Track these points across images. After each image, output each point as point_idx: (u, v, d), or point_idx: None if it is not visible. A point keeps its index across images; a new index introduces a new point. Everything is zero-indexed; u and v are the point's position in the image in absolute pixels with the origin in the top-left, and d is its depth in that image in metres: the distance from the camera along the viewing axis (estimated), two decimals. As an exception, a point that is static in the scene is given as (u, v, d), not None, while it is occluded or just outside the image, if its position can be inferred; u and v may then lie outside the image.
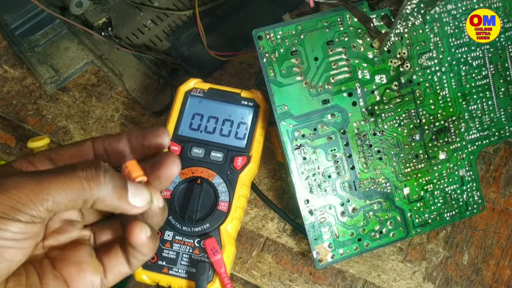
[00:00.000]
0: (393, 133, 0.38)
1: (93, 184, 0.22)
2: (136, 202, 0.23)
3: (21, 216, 0.21)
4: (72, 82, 0.48)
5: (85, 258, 0.25)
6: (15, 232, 0.21)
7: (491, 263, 0.40)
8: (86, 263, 0.25)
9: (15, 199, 0.20)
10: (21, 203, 0.20)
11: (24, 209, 0.21)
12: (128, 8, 0.51)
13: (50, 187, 0.21)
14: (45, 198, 0.21)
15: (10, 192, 0.20)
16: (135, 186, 0.23)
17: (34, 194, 0.21)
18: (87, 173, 0.22)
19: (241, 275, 0.40)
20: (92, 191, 0.22)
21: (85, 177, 0.22)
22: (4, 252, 0.21)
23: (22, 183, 0.21)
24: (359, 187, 0.38)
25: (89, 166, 0.22)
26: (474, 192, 0.40)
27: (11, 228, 0.20)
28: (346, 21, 0.37)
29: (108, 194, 0.22)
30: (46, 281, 0.23)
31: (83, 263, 0.24)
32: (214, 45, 0.48)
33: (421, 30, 0.38)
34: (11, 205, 0.20)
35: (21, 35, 0.49)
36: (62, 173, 0.22)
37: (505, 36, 0.40)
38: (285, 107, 0.36)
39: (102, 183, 0.22)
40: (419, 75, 0.38)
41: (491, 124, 0.40)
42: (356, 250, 0.38)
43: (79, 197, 0.22)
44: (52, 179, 0.21)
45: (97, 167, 0.22)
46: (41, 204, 0.21)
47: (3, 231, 0.20)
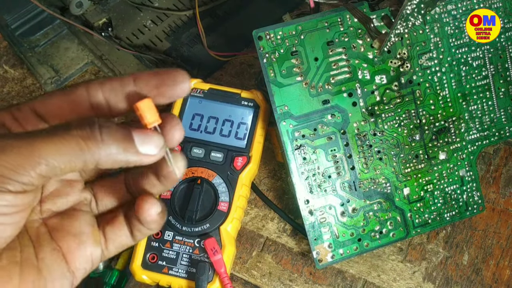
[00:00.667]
0: (393, 133, 0.38)
1: (91, 143, 0.19)
2: (147, 150, 0.20)
3: (10, 185, 0.18)
4: (72, 83, 0.48)
5: (85, 229, 0.22)
6: (3, 206, 0.18)
7: (491, 263, 0.40)
8: (86, 234, 0.22)
9: (3, 165, 0.17)
10: (10, 169, 0.17)
11: (13, 176, 0.18)
12: (128, 9, 0.51)
13: (42, 148, 0.18)
14: (37, 161, 0.18)
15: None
16: (142, 133, 0.20)
17: (24, 157, 0.18)
18: (82, 131, 0.19)
19: (241, 275, 0.40)
20: (91, 150, 0.19)
21: (81, 136, 0.19)
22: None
23: (9, 145, 0.18)
24: (359, 187, 0.38)
25: (82, 124, 0.19)
26: (474, 192, 0.40)
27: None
28: (346, 22, 0.37)
29: (111, 150, 0.19)
30: (43, 255, 0.21)
31: (83, 234, 0.22)
32: (214, 45, 0.48)
33: (421, 31, 0.38)
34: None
35: (21, 36, 0.50)
36: (55, 132, 0.18)
37: (505, 36, 0.40)
38: (285, 107, 0.36)
39: (99, 141, 0.19)
40: (419, 75, 0.38)
41: (491, 125, 0.40)
42: (356, 250, 0.38)
43: (77, 158, 0.19)
44: (44, 139, 0.18)
45: (91, 124, 0.19)
46: (33, 168, 0.18)
47: None
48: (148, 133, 0.20)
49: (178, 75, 0.21)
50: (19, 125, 0.21)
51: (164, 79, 0.21)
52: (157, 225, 0.23)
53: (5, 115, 0.21)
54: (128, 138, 0.19)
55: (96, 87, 0.21)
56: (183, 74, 0.21)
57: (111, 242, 0.23)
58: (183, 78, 0.21)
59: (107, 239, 0.23)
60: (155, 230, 0.23)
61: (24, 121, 0.21)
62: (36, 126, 0.21)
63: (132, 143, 0.19)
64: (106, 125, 0.19)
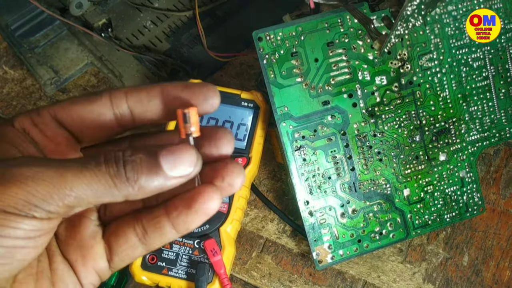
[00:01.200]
0: (393, 134, 0.38)
1: (118, 181, 0.18)
2: (179, 172, 0.19)
3: (36, 212, 0.18)
4: (72, 83, 0.48)
5: (88, 241, 0.21)
6: (28, 230, 0.18)
7: (491, 264, 0.40)
8: (90, 247, 0.21)
9: (31, 193, 0.17)
10: (38, 197, 0.17)
11: (41, 204, 0.17)
12: (128, 9, 0.51)
13: (74, 182, 0.18)
14: (67, 194, 0.18)
15: (26, 184, 0.17)
16: (171, 153, 0.19)
17: (55, 188, 0.17)
18: (109, 168, 0.18)
19: (241, 276, 0.40)
20: (119, 187, 0.18)
21: (109, 173, 0.18)
22: (16, 252, 0.18)
23: (41, 174, 0.17)
24: (359, 189, 0.38)
25: (109, 160, 0.18)
26: (474, 194, 0.40)
27: (24, 226, 0.17)
28: (346, 22, 0.37)
29: (140, 183, 0.18)
30: (55, 266, 0.21)
31: (87, 248, 0.21)
32: (214, 46, 0.48)
33: (421, 32, 0.38)
34: (26, 199, 0.17)
35: (21, 36, 0.49)
36: (86, 166, 0.18)
37: (506, 37, 0.40)
38: (285, 108, 0.36)
39: (125, 179, 0.18)
40: (419, 76, 0.38)
41: (491, 126, 0.40)
42: (356, 251, 0.38)
43: (107, 194, 0.18)
44: (76, 173, 0.18)
45: (117, 160, 0.18)
46: (61, 199, 0.18)
47: (15, 230, 0.17)
48: (177, 152, 0.19)
49: (209, 91, 0.20)
50: (39, 131, 0.21)
51: (195, 93, 0.20)
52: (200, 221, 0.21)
53: (25, 120, 0.21)
54: (155, 167, 0.18)
55: (121, 95, 0.21)
56: (214, 90, 0.20)
57: (116, 254, 0.21)
58: (214, 93, 0.20)
59: (113, 251, 0.21)
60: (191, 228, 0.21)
61: (44, 126, 0.21)
62: (55, 133, 0.21)
63: (160, 170, 0.18)
64: (130, 160, 0.18)
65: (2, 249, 0.17)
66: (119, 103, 0.20)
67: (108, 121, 0.21)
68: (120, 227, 0.21)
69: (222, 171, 0.21)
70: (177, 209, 0.20)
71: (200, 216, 0.20)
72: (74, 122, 0.21)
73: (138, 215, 0.21)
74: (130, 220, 0.21)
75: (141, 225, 0.21)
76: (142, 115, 0.21)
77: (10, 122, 0.20)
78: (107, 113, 0.21)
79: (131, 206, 0.22)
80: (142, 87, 0.21)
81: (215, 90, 0.20)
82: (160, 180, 0.18)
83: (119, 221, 0.22)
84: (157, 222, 0.21)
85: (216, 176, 0.21)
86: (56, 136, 0.21)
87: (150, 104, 0.20)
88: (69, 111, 0.21)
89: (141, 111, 0.21)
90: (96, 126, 0.21)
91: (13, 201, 0.17)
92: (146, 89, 0.20)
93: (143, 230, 0.21)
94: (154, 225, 0.21)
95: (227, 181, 0.20)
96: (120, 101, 0.20)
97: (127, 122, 0.21)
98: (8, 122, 0.21)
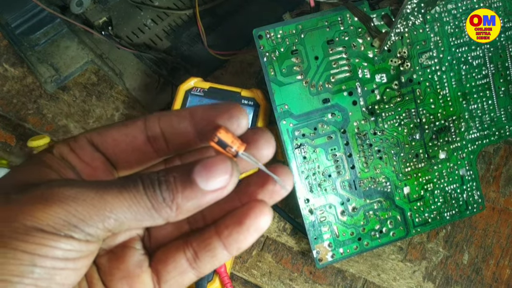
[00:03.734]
0: (393, 132, 0.38)
1: (155, 203, 0.18)
2: (215, 185, 0.18)
3: (75, 232, 0.17)
4: (72, 81, 0.48)
5: (134, 271, 0.20)
6: (67, 250, 0.17)
7: (491, 263, 0.40)
8: (136, 277, 0.20)
9: (71, 213, 0.17)
10: (78, 218, 0.17)
11: (80, 225, 0.17)
12: (129, 7, 0.51)
13: (114, 203, 0.17)
14: (107, 215, 0.17)
15: (66, 204, 0.17)
16: (204, 167, 0.18)
17: (95, 209, 0.17)
18: (147, 189, 0.18)
19: (241, 275, 0.40)
20: (158, 209, 0.18)
21: (147, 194, 0.18)
22: (55, 274, 0.17)
23: (81, 194, 0.17)
24: (359, 186, 0.38)
25: (146, 181, 0.18)
26: (474, 192, 0.40)
27: (62, 246, 0.17)
28: (346, 21, 0.37)
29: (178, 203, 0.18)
30: None
31: (132, 277, 0.20)
32: (215, 44, 0.48)
33: (421, 30, 0.38)
34: (66, 219, 0.17)
35: (21, 34, 0.49)
36: (126, 187, 0.18)
37: (505, 35, 0.40)
38: (285, 106, 0.36)
39: (161, 200, 0.18)
40: (419, 74, 0.38)
41: (491, 124, 0.40)
42: (356, 249, 0.38)
43: (146, 217, 0.18)
44: (117, 194, 0.17)
45: (153, 181, 0.18)
46: (101, 221, 0.17)
47: (53, 249, 0.17)
48: (210, 164, 0.18)
49: (234, 110, 0.19)
50: (76, 156, 0.20)
51: (220, 112, 0.19)
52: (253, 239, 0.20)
53: (63, 147, 0.20)
54: (189, 183, 0.18)
55: (154, 119, 0.21)
56: (239, 109, 0.19)
57: (165, 282, 0.20)
58: (239, 112, 0.19)
59: (161, 279, 0.20)
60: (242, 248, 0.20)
61: (80, 151, 0.20)
62: (92, 157, 0.21)
63: (195, 186, 0.18)
64: (164, 180, 0.18)
65: (40, 269, 0.17)
66: (152, 126, 0.20)
67: (142, 145, 0.21)
68: (169, 253, 0.21)
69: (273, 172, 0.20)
70: (228, 227, 0.20)
71: (252, 233, 0.19)
72: (110, 146, 0.21)
73: (187, 239, 0.21)
74: (179, 245, 0.21)
75: (191, 248, 0.20)
76: (173, 138, 0.20)
77: (49, 150, 0.20)
78: (141, 136, 0.20)
79: (177, 230, 0.22)
80: (174, 111, 0.21)
81: (241, 109, 0.20)
82: (197, 196, 0.18)
83: (167, 247, 0.21)
84: (208, 244, 0.20)
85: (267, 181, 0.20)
86: (93, 160, 0.21)
87: (180, 126, 0.20)
88: (105, 135, 0.21)
89: (172, 133, 0.20)
90: (131, 149, 0.21)
91: (52, 220, 0.17)
92: (177, 112, 0.20)
93: (194, 254, 0.20)
94: (205, 247, 0.20)
95: (281, 183, 0.20)
96: (153, 124, 0.20)
97: (161, 146, 0.21)
98: (47, 150, 0.20)
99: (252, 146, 0.20)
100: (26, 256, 0.16)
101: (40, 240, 0.17)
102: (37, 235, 0.16)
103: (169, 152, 0.21)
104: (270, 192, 0.21)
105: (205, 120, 0.20)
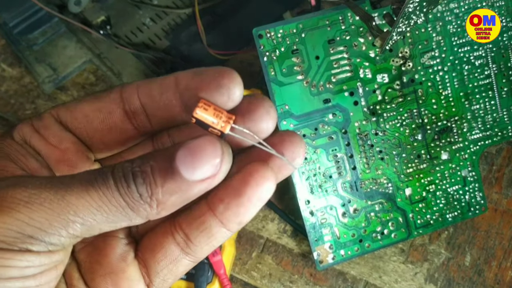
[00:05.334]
0: (395, 133, 0.38)
1: (130, 201, 0.15)
2: (202, 174, 0.14)
3: (32, 245, 0.14)
4: (70, 81, 0.48)
5: (118, 265, 0.17)
6: (23, 267, 0.14)
7: (493, 264, 0.40)
8: (120, 272, 0.17)
9: (25, 222, 0.14)
10: (34, 226, 0.14)
11: (38, 235, 0.14)
12: (127, 6, 0.50)
13: (80, 204, 0.14)
14: (71, 220, 0.14)
15: (17, 211, 0.14)
16: (189, 152, 0.14)
17: (55, 214, 0.14)
18: (118, 184, 0.15)
19: (241, 277, 0.40)
20: (133, 208, 0.15)
21: (118, 191, 0.14)
22: None
23: (37, 197, 0.14)
24: (360, 188, 0.37)
25: (117, 174, 0.15)
26: (476, 193, 0.40)
27: (17, 263, 0.14)
28: (347, 20, 0.36)
29: (158, 198, 0.15)
30: None
31: (117, 273, 0.17)
32: (214, 43, 0.48)
33: (423, 29, 0.37)
34: (19, 230, 0.14)
35: (19, 34, 0.49)
36: (93, 183, 0.14)
37: (508, 35, 0.39)
38: (285, 106, 0.36)
39: (137, 197, 0.15)
40: (421, 74, 0.38)
41: (493, 124, 0.40)
42: (357, 251, 0.37)
43: (120, 217, 0.15)
44: (81, 192, 0.14)
45: (126, 174, 0.15)
46: (64, 227, 0.14)
47: (7, 269, 0.14)
48: (196, 148, 0.14)
49: (224, 77, 0.16)
50: (40, 138, 0.17)
51: (205, 81, 0.16)
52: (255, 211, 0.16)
53: (25, 128, 0.17)
54: (171, 174, 0.14)
55: (132, 90, 0.17)
56: (230, 75, 0.16)
57: (156, 274, 0.17)
58: (230, 80, 0.16)
59: (151, 271, 0.17)
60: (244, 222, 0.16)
61: (45, 131, 0.17)
62: (59, 138, 0.17)
63: (178, 177, 0.14)
64: (139, 171, 0.15)
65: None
66: (130, 99, 0.17)
67: (119, 121, 0.17)
68: (156, 240, 0.17)
69: (279, 145, 0.16)
70: (224, 200, 0.16)
71: (255, 204, 0.16)
72: (81, 123, 0.17)
73: (176, 220, 0.17)
74: (167, 228, 0.17)
75: (181, 231, 0.17)
76: (156, 112, 0.17)
77: (9, 134, 0.17)
78: (117, 110, 0.17)
79: None
80: (156, 79, 0.17)
81: (232, 75, 0.16)
82: (181, 189, 0.15)
83: (153, 232, 0.18)
84: (201, 222, 0.17)
85: (270, 155, 0.16)
86: (61, 141, 0.17)
87: (162, 98, 0.17)
88: (74, 111, 0.17)
89: (154, 106, 0.17)
90: (106, 128, 0.17)
91: (2, 234, 0.14)
92: (160, 80, 0.17)
93: (185, 237, 0.17)
94: (197, 227, 0.17)
95: (288, 155, 0.16)
96: (131, 96, 0.17)
97: (141, 122, 0.17)
98: (7, 134, 0.17)
99: (248, 118, 0.16)
100: None
101: None
102: None
103: (152, 128, 0.18)
104: (276, 167, 0.17)
105: (190, 90, 0.16)
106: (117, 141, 0.18)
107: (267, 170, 0.16)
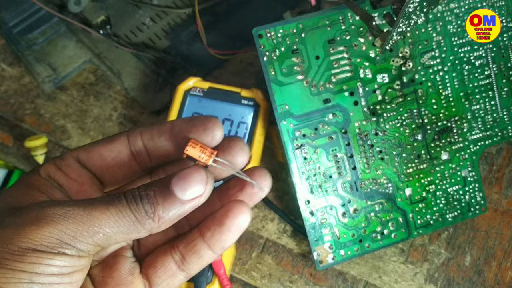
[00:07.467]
0: (395, 133, 0.38)
1: (139, 216, 0.19)
2: (192, 194, 0.19)
3: (67, 249, 0.18)
4: (70, 81, 0.48)
5: (126, 278, 0.21)
6: (61, 266, 0.18)
7: (493, 265, 0.40)
8: (128, 284, 0.21)
9: (63, 231, 0.18)
10: (69, 235, 0.18)
11: (72, 242, 0.18)
12: (127, 6, 0.50)
13: (102, 219, 0.18)
14: (96, 231, 0.18)
15: (58, 223, 0.18)
16: (180, 178, 0.19)
17: (85, 226, 0.18)
18: (132, 203, 0.19)
19: (241, 277, 0.40)
20: (141, 222, 0.19)
21: (130, 208, 0.19)
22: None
23: (71, 213, 0.18)
24: (360, 188, 0.37)
25: (129, 195, 0.19)
26: (476, 193, 0.39)
27: (57, 263, 0.18)
28: (347, 20, 0.36)
29: (159, 214, 0.19)
30: None
31: (125, 284, 0.21)
32: (214, 43, 0.48)
33: (423, 29, 0.37)
34: (58, 237, 0.18)
35: (19, 33, 0.49)
36: (111, 203, 0.19)
37: (508, 35, 0.39)
38: (285, 106, 0.36)
39: (144, 213, 0.19)
40: (421, 74, 0.38)
41: (494, 124, 0.40)
42: (357, 251, 0.37)
43: (132, 230, 0.19)
44: (103, 210, 0.19)
45: (134, 195, 0.19)
46: (91, 236, 0.18)
47: (49, 267, 0.18)
48: (186, 175, 0.19)
49: (208, 123, 0.21)
50: (63, 174, 0.22)
51: (195, 125, 0.21)
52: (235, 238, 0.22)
53: (50, 167, 0.22)
54: (168, 195, 0.19)
55: (136, 134, 0.22)
56: (213, 122, 0.21)
57: (156, 286, 0.22)
58: (213, 125, 0.21)
59: (152, 283, 0.22)
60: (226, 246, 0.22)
61: (67, 168, 0.22)
62: (78, 174, 0.22)
63: (173, 197, 0.19)
64: (145, 194, 0.19)
65: (38, 286, 0.18)
66: (135, 141, 0.22)
67: (127, 159, 0.22)
68: (158, 258, 0.22)
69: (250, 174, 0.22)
70: (210, 229, 0.21)
71: (233, 232, 0.21)
72: (96, 162, 0.22)
73: (174, 243, 0.22)
74: (167, 249, 0.22)
75: (178, 251, 0.22)
76: (155, 152, 0.22)
77: (37, 171, 0.22)
78: (125, 150, 0.22)
79: (165, 236, 0.23)
80: (156, 125, 0.22)
81: (215, 122, 0.21)
82: (176, 206, 0.19)
83: (155, 253, 0.22)
84: (194, 246, 0.22)
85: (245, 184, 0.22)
86: (80, 176, 0.22)
87: (161, 140, 0.22)
88: (91, 152, 0.22)
89: (154, 147, 0.22)
90: (116, 164, 0.22)
91: (46, 240, 0.18)
92: (158, 126, 0.22)
93: (181, 257, 0.22)
94: (191, 249, 0.22)
95: (257, 185, 0.22)
96: (135, 138, 0.22)
97: (143, 159, 0.22)
98: (35, 171, 0.22)
99: (227, 153, 0.21)
100: (24, 275, 0.17)
101: (36, 259, 0.18)
102: (33, 255, 0.18)
103: (151, 165, 0.22)
104: (249, 194, 0.22)
105: (182, 133, 0.21)
106: (124, 175, 0.23)
107: (243, 206, 0.21)
